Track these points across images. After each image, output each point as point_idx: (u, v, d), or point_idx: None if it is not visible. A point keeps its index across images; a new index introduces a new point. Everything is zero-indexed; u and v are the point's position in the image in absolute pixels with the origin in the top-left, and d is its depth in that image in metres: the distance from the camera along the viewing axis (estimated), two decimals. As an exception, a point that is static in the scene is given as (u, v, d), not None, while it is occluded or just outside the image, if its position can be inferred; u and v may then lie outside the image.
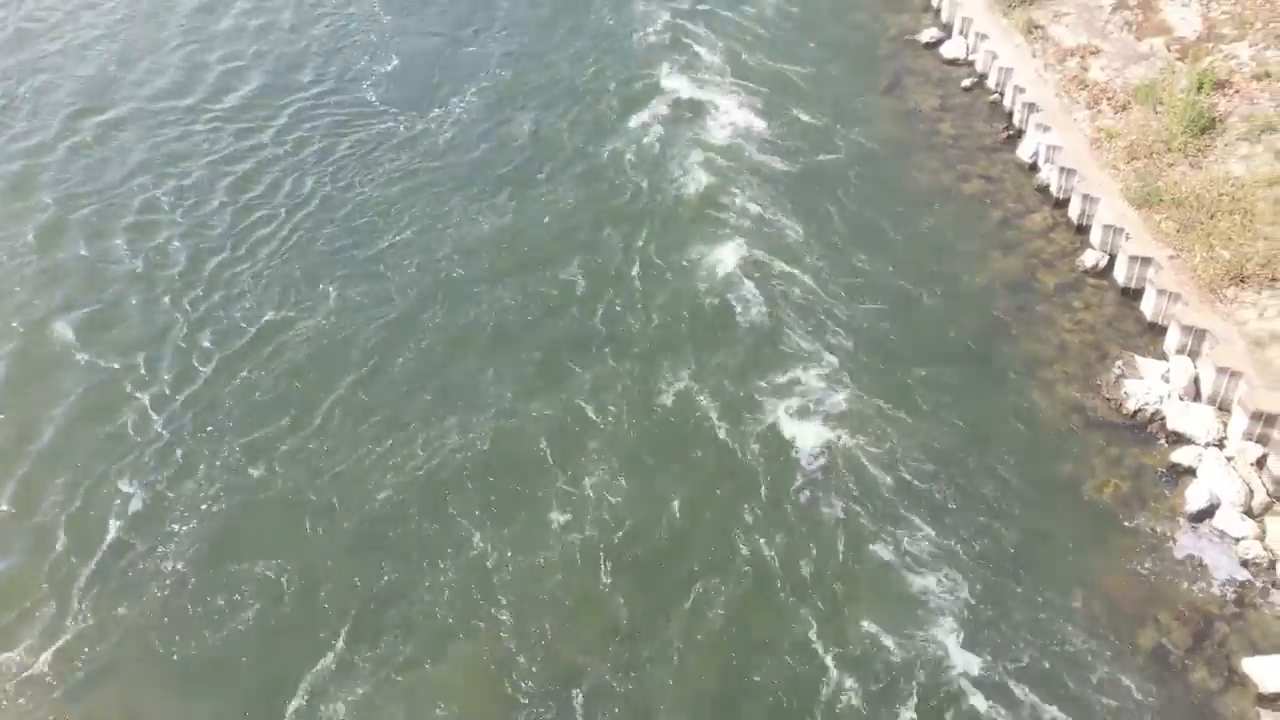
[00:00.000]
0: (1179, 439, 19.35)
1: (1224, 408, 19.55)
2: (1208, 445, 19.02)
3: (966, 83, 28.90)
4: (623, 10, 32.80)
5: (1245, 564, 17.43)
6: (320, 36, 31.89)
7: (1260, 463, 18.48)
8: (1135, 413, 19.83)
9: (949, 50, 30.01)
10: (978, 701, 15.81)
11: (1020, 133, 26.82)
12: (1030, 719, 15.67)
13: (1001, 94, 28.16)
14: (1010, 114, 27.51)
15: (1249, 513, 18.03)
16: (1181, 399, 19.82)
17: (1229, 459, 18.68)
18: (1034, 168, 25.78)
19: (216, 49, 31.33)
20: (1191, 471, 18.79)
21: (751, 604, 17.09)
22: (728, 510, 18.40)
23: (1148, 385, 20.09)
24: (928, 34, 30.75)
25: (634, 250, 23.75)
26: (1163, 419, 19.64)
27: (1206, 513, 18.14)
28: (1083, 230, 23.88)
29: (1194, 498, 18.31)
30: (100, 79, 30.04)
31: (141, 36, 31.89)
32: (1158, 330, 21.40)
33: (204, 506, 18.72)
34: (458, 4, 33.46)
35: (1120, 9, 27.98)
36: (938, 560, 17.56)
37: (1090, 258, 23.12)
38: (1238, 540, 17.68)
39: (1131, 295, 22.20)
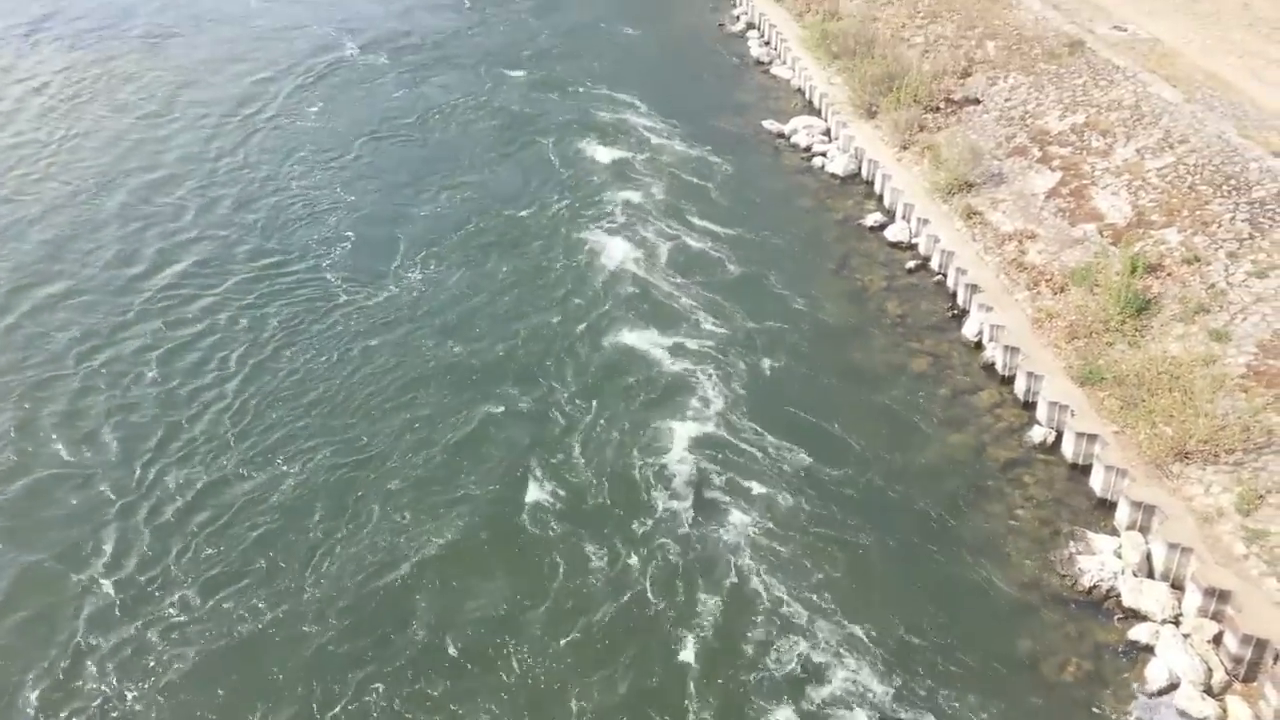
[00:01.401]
0: (1135, 615, 19.37)
1: (1177, 584, 19.66)
2: (1164, 622, 19.05)
3: (911, 265, 29.92)
4: (578, 178, 33.75)
5: (1209, 745, 17.25)
6: (271, 211, 32.17)
7: (1217, 640, 18.50)
8: (1091, 589, 19.89)
9: (893, 234, 31.16)
10: None
11: (964, 312, 27.66)
12: None
13: (945, 275, 29.15)
14: (954, 294, 28.43)
15: (1209, 691, 17.92)
16: (1135, 575, 19.93)
17: (1186, 636, 18.69)
18: (979, 346, 26.50)
19: (159, 226, 31.39)
20: (1150, 649, 18.73)
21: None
22: (673, 698, 18.02)
23: (1101, 561, 20.23)
24: (872, 218, 31.96)
25: (582, 413, 23.85)
26: (1118, 595, 19.70)
27: (1167, 691, 18.02)
28: (1029, 407, 24.42)
29: (1154, 676, 18.22)
30: (38, 255, 29.94)
31: (83, 215, 31.90)
32: (1108, 506, 21.68)
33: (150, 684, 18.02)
34: (410, 169, 34.16)
35: (1053, 196, 29.33)
36: (901, 744, 17.24)
37: (1038, 434, 23.58)
38: (1200, 720, 17.55)
39: (1080, 471, 22.58)
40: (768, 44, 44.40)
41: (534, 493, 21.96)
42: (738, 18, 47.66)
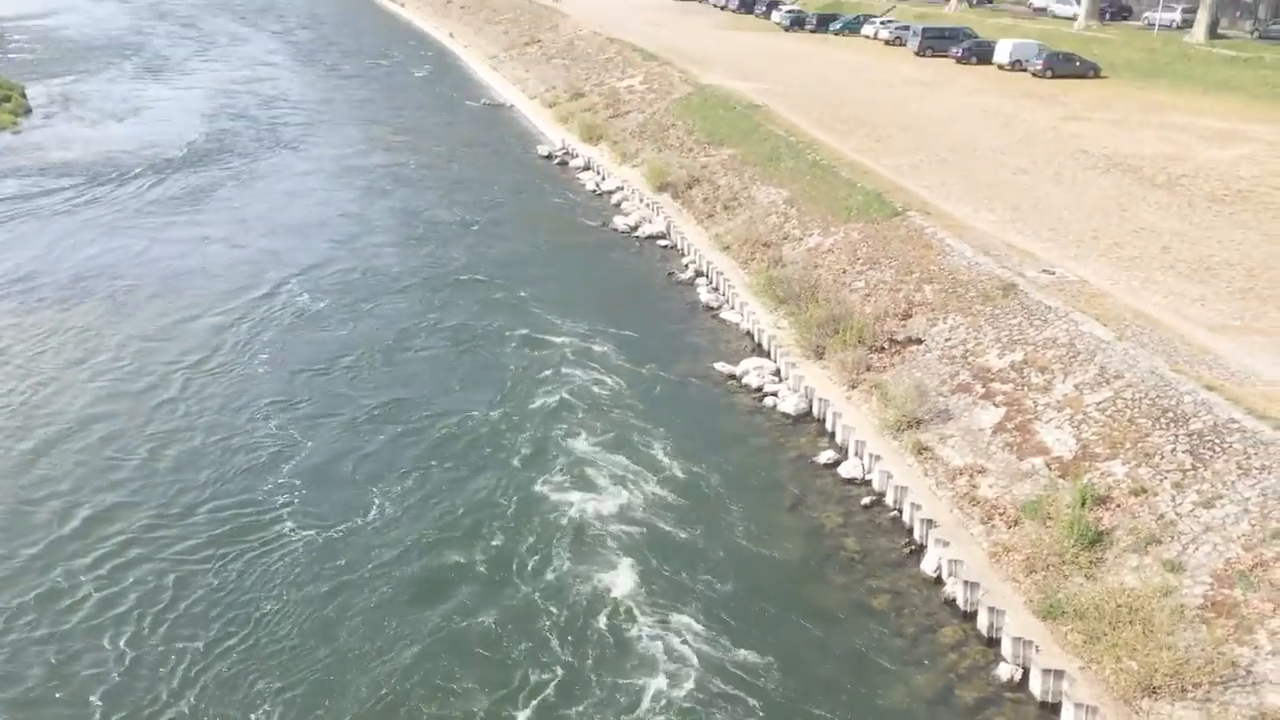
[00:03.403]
0: None
1: (1159, 827, 19.13)
2: None
3: (865, 501, 30.22)
4: (528, 418, 33.97)
5: None
6: (214, 459, 31.52)
7: None
8: (1071, 836, 19.26)
9: (846, 470, 31.60)
10: None
11: (922, 548, 27.79)
12: None
13: (900, 511, 29.43)
14: (910, 530, 28.62)
15: None
16: (1115, 819, 19.38)
17: None
18: (939, 582, 26.50)
19: (93, 483, 30.41)
20: None
21: None
22: None
23: (1079, 805, 19.68)
24: (825, 456, 32.47)
25: (546, 662, 23.29)
26: (1100, 842, 19.09)
27: None
28: (993, 644, 24.24)
29: None
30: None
31: (7, 477, 30.71)
32: (1081, 745, 21.27)
33: None
34: (361, 406, 34.23)
35: (999, 431, 30.09)
36: None
37: (1004, 671, 23.30)
38: None
39: (1051, 709, 22.20)
40: (716, 290, 46.13)
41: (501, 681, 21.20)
42: (686, 266, 49.65)
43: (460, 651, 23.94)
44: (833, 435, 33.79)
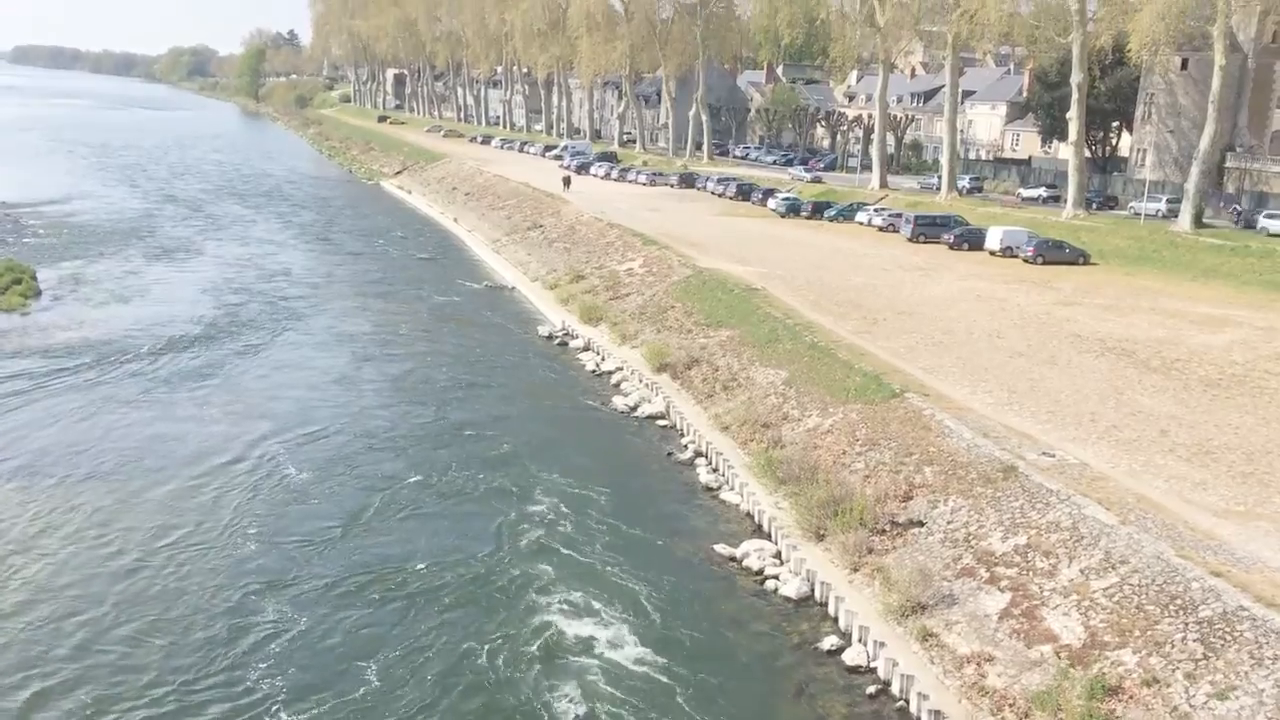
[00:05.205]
0: None
1: None
2: None
3: (871, 689, 29.37)
4: (526, 599, 33.32)
5: None
6: (199, 643, 31.02)
7: None
8: None
9: (850, 657, 30.81)
10: None
11: (930, 740, 26.90)
12: None
13: (907, 700, 28.57)
14: (918, 721, 27.78)
15: None
16: None
17: None
18: (949, 777, 25.56)
19: (68, 661, 29.57)
20: None
21: None
22: None
23: None
24: (829, 642, 31.73)
25: None
26: None
27: None
28: (1009, 844, 23.21)
29: None
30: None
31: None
32: None
33: None
34: (355, 579, 33.61)
35: (1005, 618, 29.50)
36: None
37: None
38: None
39: None
40: (715, 471, 45.99)
41: None
42: (685, 446, 49.64)
43: None
44: (836, 620, 33.09)
